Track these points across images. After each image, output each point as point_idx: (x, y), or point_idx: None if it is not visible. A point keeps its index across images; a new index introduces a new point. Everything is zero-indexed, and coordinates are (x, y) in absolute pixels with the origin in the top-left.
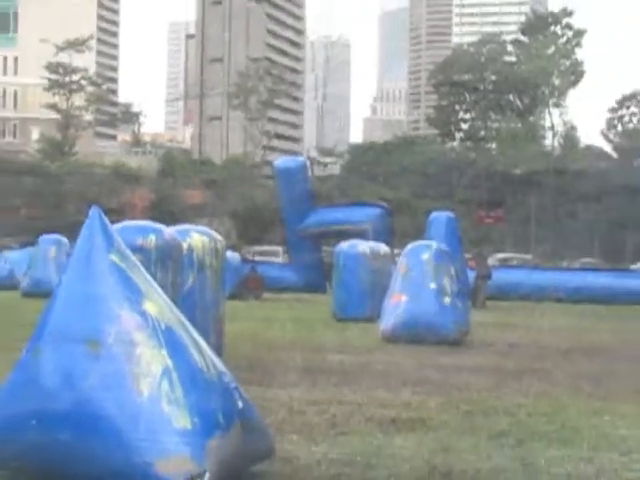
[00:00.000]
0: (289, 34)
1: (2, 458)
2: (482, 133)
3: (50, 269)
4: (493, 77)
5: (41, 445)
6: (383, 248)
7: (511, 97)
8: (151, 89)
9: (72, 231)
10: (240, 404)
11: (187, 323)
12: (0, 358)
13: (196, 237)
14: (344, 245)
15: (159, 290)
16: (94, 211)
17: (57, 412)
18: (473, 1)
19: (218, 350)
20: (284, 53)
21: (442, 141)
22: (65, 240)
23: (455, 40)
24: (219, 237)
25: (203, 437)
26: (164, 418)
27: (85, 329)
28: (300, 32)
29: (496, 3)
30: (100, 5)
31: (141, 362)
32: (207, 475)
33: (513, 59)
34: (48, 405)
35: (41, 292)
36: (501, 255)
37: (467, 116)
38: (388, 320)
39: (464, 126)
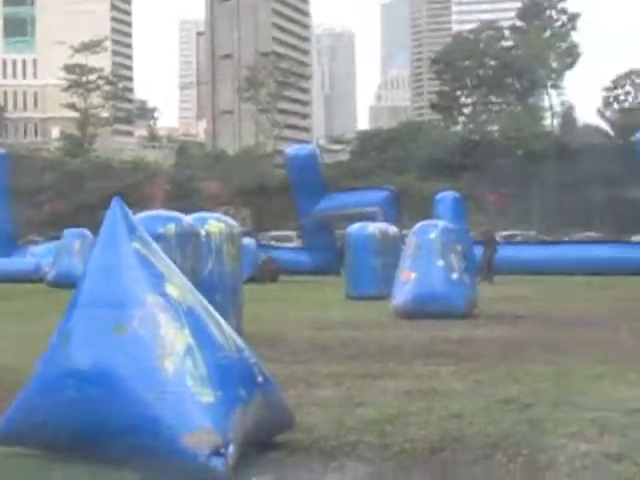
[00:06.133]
0: (295, 28)
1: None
2: (484, 117)
3: (75, 261)
4: (492, 62)
5: (73, 419)
6: (392, 229)
7: (510, 80)
8: (164, 86)
9: (95, 224)
10: (260, 378)
11: (207, 304)
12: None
13: (213, 224)
14: (355, 227)
15: (180, 274)
16: (116, 202)
17: (86, 394)
18: None
19: (238, 331)
20: (291, 46)
21: (446, 126)
22: (89, 233)
23: (455, 27)
24: (235, 223)
25: (226, 410)
26: (189, 393)
27: (111, 313)
28: (306, 26)
29: None
30: (113, 7)
31: (165, 342)
32: (231, 446)
33: (511, 44)
34: (79, 386)
35: (67, 283)
36: (506, 232)
37: (468, 101)
38: (399, 297)
39: (466, 110)
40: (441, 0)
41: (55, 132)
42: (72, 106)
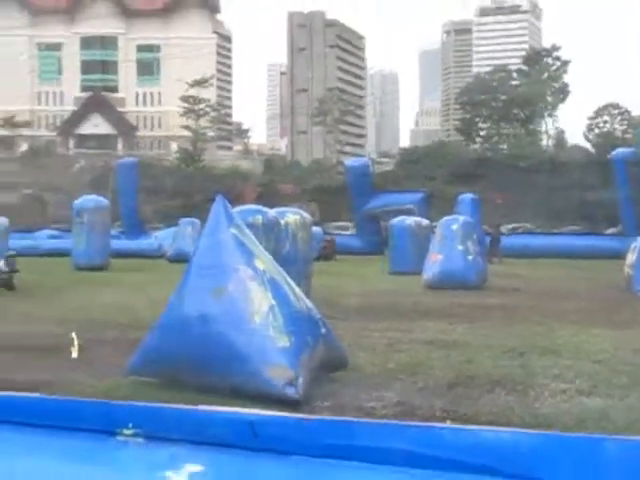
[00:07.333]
0: (354, 69)
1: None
2: (495, 138)
3: (188, 243)
4: (503, 97)
5: (185, 357)
6: (424, 222)
7: (516, 111)
8: (256, 112)
9: (202, 215)
10: (323, 330)
11: (285, 274)
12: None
13: (290, 216)
14: (396, 220)
15: (265, 252)
16: (219, 198)
17: (195, 339)
18: (487, 42)
19: (307, 295)
20: (351, 83)
21: (466, 144)
22: (198, 222)
23: (475, 70)
24: (307, 216)
25: (297, 353)
26: (270, 339)
27: (213, 279)
28: (362, 67)
29: (504, 42)
30: (218, 53)
31: (254, 302)
32: (300, 379)
33: (517, 83)
34: (189, 333)
35: (182, 259)
36: (510, 225)
37: (484, 126)
38: (428, 273)
39: (482, 133)
40: (464, 50)
41: (174, 147)
42: (186, 127)
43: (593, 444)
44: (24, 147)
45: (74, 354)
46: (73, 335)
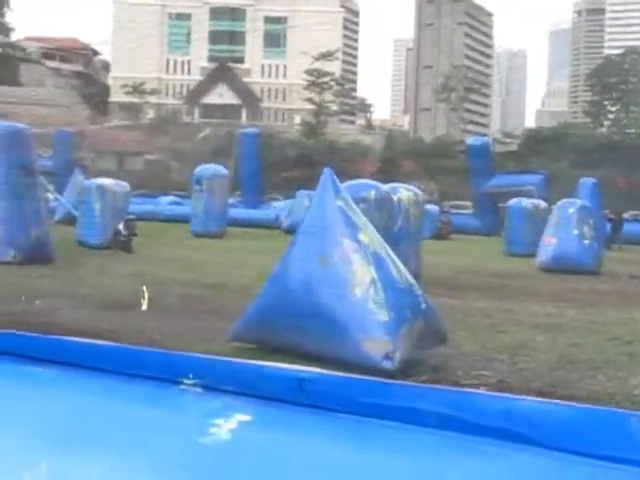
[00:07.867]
0: (481, 47)
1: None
2: (624, 122)
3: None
4: (634, 79)
5: (286, 324)
6: (542, 204)
7: None
8: (380, 87)
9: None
10: (423, 306)
11: (389, 249)
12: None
13: (403, 192)
14: (513, 201)
15: (370, 226)
16: (327, 171)
17: (297, 307)
18: (620, 22)
19: (417, 272)
20: (477, 61)
21: (593, 127)
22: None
23: (606, 52)
24: (420, 192)
25: (396, 327)
26: (370, 312)
27: (318, 249)
28: (489, 46)
29: (637, 24)
30: (345, 27)
31: (356, 274)
32: (398, 353)
33: None
34: (292, 301)
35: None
36: (633, 212)
37: (613, 109)
38: (542, 255)
39: (610, 116)
40: (596, 30)
41: (297, 119)
42: (310, 100)
43: (624, 419)
44: (151, 114)
45: (144, 306)
46: (143, 288)
